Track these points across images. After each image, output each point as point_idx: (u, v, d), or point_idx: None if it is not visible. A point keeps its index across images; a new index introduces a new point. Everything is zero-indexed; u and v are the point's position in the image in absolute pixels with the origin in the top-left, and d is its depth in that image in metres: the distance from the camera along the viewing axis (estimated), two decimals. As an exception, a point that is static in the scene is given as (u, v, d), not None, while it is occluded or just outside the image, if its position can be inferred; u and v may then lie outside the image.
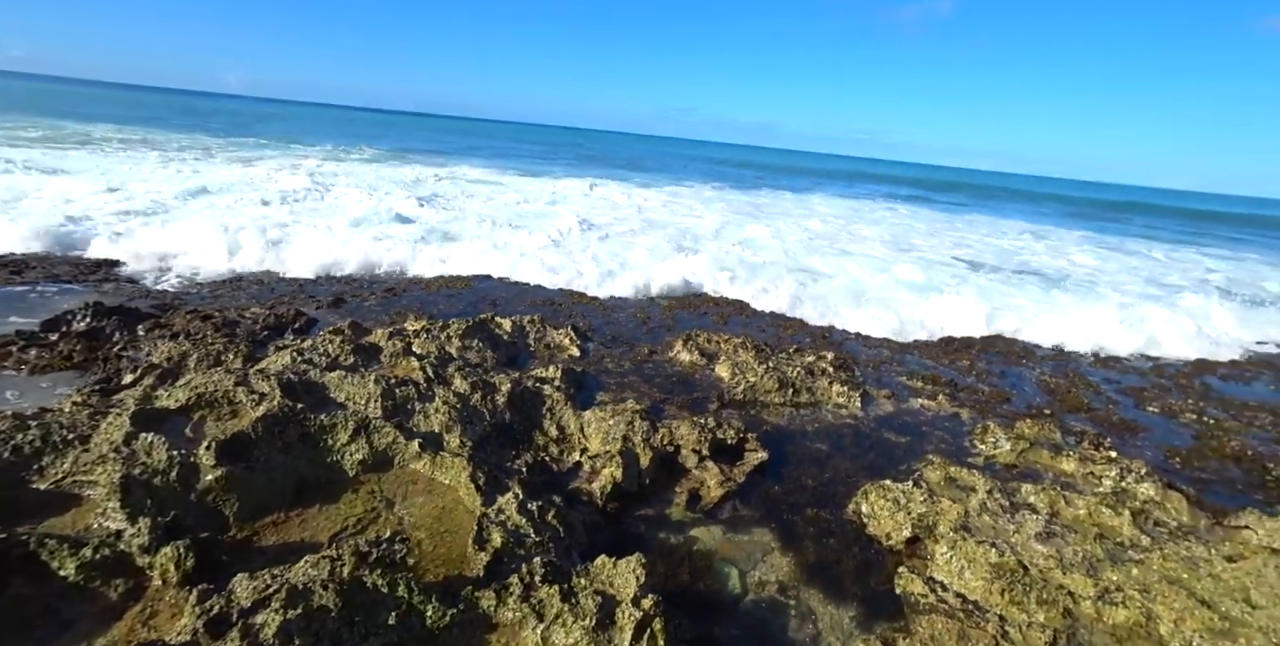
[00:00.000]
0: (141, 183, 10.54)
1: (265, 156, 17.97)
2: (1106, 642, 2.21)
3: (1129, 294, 9.44)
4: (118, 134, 19.93)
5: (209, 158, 16.00)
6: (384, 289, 6.39)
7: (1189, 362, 6.53)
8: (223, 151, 18.02)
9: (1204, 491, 3.63)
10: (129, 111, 34.97)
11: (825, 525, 2.97)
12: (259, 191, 10.95)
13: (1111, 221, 28.13)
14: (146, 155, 14.96)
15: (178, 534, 2.09)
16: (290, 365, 3.66)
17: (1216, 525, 3.12)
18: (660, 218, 13.40)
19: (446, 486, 2.73)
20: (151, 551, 1.99)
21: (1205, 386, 5.79)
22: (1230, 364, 6.62)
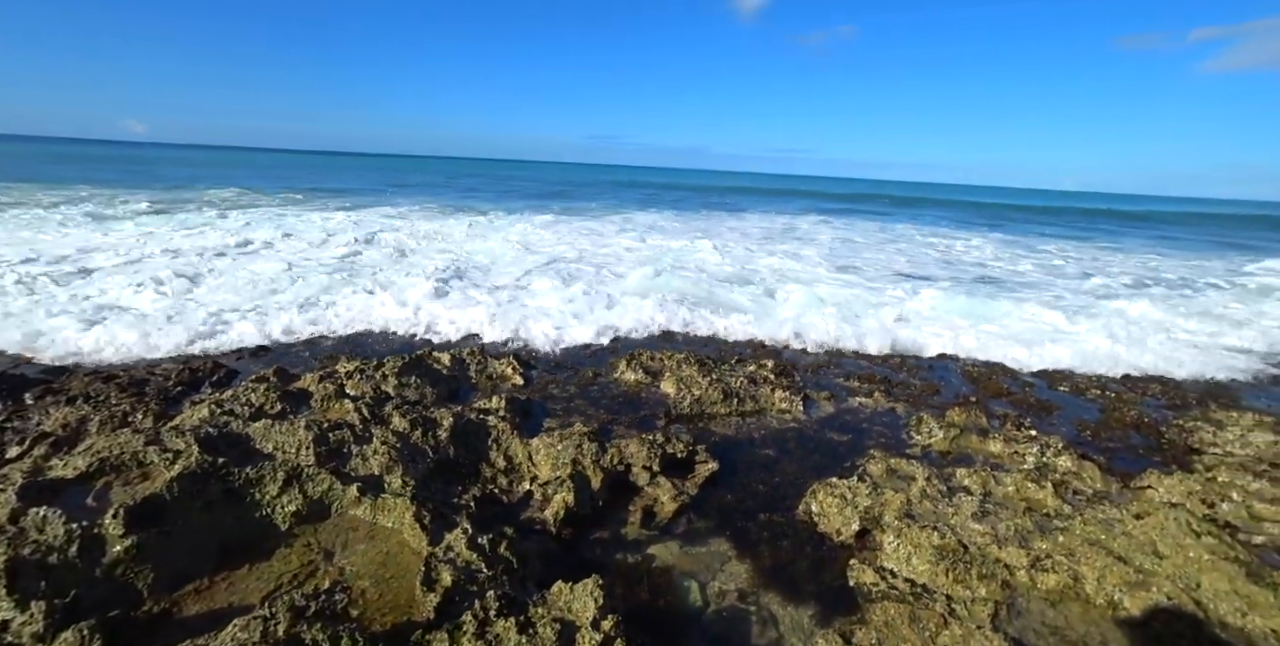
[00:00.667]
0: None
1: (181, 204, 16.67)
2: (1041, 607, 2.35)
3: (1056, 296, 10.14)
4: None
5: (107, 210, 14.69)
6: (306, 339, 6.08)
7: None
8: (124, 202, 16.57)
9: (1112, 459, 3.95)
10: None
11: (778, 528, 3.03)
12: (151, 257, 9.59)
13: (1022, 223, 30.55)
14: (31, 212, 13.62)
15: (81, 615, 1.88)
16: (209, 418, 3.42)
17: (1125, 488, 3.40)
18: (596, 250, 12.56)
19: (390, 529, 2.60)
20: (48, 639, 1.78)
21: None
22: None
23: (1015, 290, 10.35)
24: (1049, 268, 13.69)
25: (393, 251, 10.76)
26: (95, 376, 4.48)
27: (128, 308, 6.18)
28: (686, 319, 6.93)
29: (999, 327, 7.38)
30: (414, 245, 11.75)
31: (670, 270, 9.90)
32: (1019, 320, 7.87)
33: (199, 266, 8.27)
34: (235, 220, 13.77)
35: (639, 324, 6.64)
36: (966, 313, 8.04)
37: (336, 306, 6.64)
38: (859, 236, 18.25)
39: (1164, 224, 34.70)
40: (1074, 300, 9.56)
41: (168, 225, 12.34)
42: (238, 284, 7.45)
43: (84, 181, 22.30)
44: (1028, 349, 6.37)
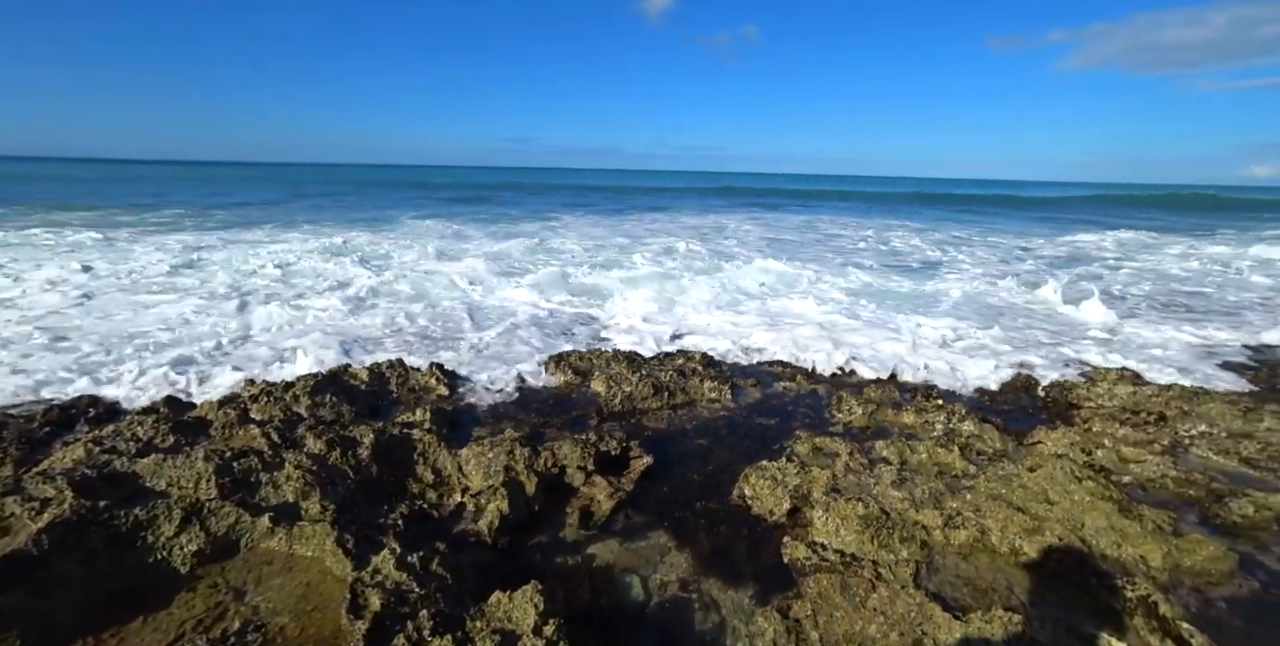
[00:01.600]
0: None
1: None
2: (955, 561, 2.55)
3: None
4: None
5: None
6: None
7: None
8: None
9: (1007, 419, 4.35)
10: None
11: (715, 515, 3.09)
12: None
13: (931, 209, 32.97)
14: None
15: (-70, 696, 1.62)
16: (85, 459, 3.05)
17: (1020, 444, 3.75)
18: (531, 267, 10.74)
19: (310, 559, 2.42)
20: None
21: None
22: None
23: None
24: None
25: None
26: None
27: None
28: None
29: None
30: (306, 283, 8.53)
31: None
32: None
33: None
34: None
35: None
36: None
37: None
38: (789, 233, 18.81)
39: (1040, 206, 38.47)
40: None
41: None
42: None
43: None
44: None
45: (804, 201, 38.35)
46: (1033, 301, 8.56)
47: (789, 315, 7.33)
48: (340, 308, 7.01)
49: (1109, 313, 7.37)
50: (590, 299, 8.05)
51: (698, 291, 8.53)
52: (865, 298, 8.42)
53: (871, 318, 7.23)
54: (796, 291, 8.87)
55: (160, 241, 12.64)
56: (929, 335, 6.46)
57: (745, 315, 7.26)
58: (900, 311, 7.57)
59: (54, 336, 5.64)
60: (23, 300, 7.05)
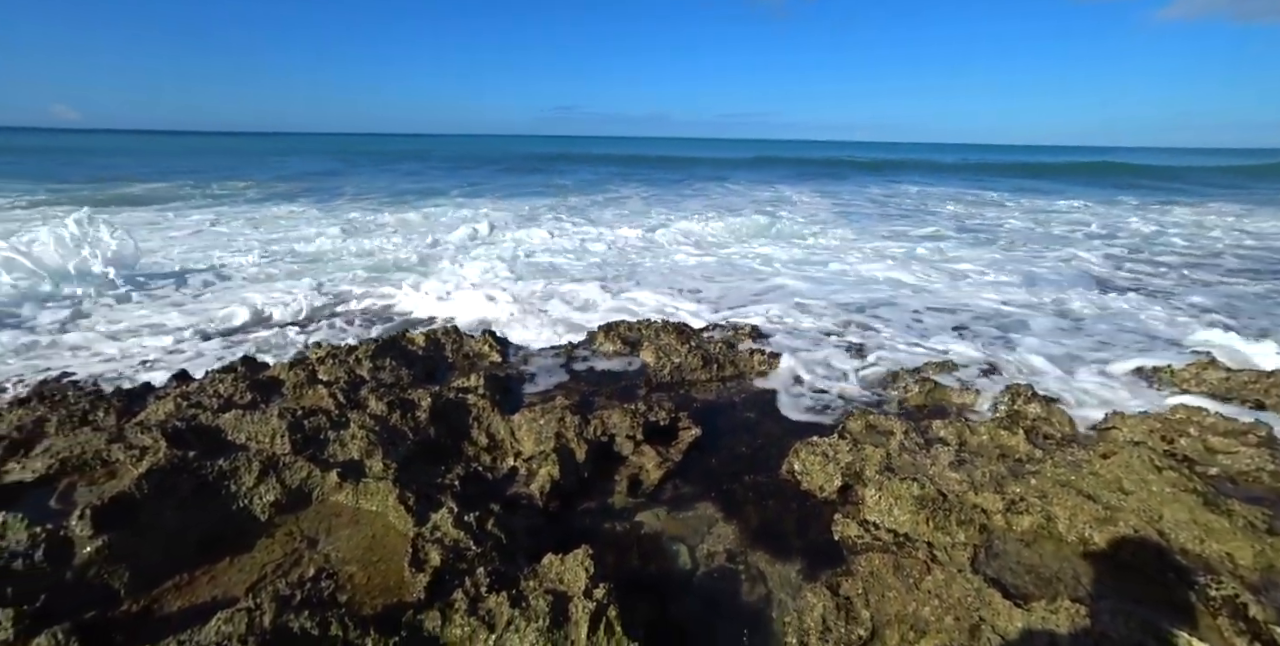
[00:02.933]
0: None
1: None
2: (1017, 547, 2.45)
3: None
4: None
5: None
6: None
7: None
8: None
9: (1078, 402, 4.09)
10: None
11: (763, 488, 3.07)
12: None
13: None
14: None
15: (53, 619, 1.82)
16: (175, 412, 3.30)
17: (1092, 429, 3.53)
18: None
19: (374, 513, 2.56)
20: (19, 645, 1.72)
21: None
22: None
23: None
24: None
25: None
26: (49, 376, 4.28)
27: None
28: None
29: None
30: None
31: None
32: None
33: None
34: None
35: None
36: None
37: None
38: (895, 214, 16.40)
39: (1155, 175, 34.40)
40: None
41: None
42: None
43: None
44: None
45: (873, 172, 35.05)
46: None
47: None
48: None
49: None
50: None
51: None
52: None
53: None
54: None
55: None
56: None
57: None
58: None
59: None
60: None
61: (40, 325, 5.48)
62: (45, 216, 12.61)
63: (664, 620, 2.18)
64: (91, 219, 7.64)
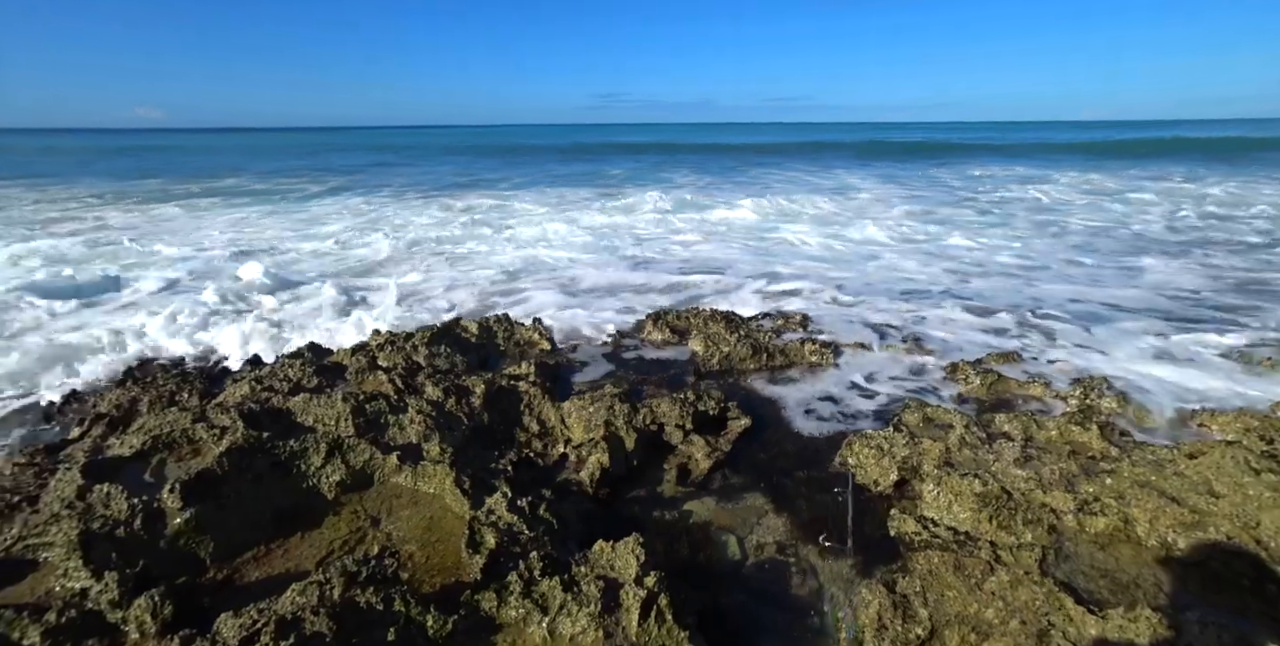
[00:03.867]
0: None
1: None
2: (1090, 551, 2.31)
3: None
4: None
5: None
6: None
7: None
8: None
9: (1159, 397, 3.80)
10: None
11: (815, 481, 3.01)
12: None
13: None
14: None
15: (150, 583, 1.98)
16: (250, 394, 3.51)
17: (1177, 426, 3.28)
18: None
19: (431, 495, 2.66)
20: (124, 605, 1.89)
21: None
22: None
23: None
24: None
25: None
26: (139, 359, 4.64)
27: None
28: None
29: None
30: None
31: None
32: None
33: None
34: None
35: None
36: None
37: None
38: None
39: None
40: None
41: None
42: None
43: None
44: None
45: (935, 156, 31.16)
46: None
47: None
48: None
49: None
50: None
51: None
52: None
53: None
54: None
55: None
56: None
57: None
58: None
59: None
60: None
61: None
62: (190, 209, 13.72)
63: (714, 610, 2.18)
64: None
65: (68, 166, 27.72)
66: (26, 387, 4.10)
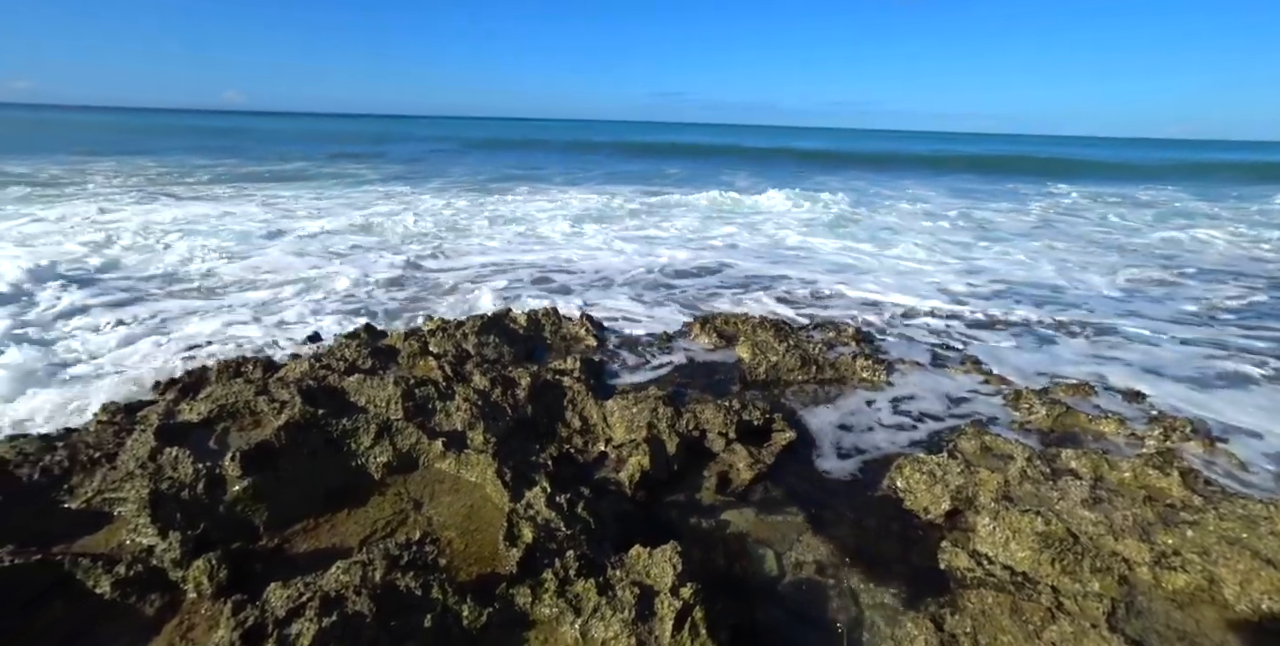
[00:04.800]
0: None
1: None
2: (1168, 609, 2.12)
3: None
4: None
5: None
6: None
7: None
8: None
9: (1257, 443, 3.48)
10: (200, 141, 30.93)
11: (860, 502, 2.90)
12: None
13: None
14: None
15: (209, 546, 2.08)
16: (309, 372, 3.65)
17: (1275, 480, 2.99)
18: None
19: (473, 484, 2.70)
20: (184, 565, 1.99)
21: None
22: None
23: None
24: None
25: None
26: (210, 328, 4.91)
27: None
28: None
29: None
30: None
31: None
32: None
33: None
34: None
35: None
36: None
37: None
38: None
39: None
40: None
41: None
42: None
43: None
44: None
45: (1015, 173, 27.01)
46: None
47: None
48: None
49: None
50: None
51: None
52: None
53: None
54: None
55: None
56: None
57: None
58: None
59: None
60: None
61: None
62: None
63: (749, 625, 2.12)
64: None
65: (177, 145, 29.72)
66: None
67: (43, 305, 5.33)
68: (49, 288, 5.68)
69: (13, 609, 1.82)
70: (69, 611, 1.85)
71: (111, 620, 1.86)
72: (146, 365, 4.08)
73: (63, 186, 13.80)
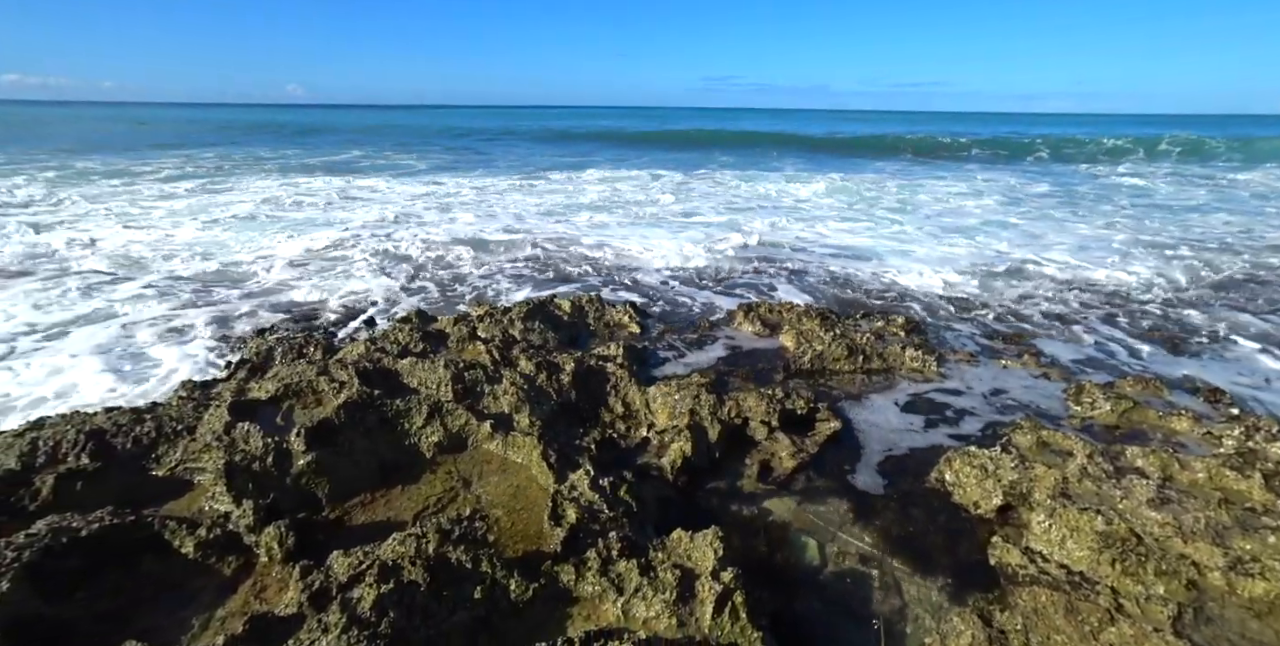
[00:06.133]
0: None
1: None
2: (1243, 617, 2.00)
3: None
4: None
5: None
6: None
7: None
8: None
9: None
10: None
11: (906, 494, 2.84)
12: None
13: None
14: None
15: (277, 515, 2.23)
16: (365, 354, 3.82)
17: (1370, 486, 2.75)
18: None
19: (519, 465, 2.78)
20: (256, 531, 2.14)
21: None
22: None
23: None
24: None
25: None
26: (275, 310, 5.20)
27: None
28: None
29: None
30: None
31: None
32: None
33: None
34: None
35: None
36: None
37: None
38: None
39: None
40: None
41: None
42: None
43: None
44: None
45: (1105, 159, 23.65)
46: None
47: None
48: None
49: None
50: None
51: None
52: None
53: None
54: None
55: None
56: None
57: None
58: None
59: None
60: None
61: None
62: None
63: (789, 613, 2.13)
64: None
65: (257, 139, 30.89)
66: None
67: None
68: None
69: (114, 562, 2.01)
70: (159, 566, 2.03)
71: (195, 576, 2.03)
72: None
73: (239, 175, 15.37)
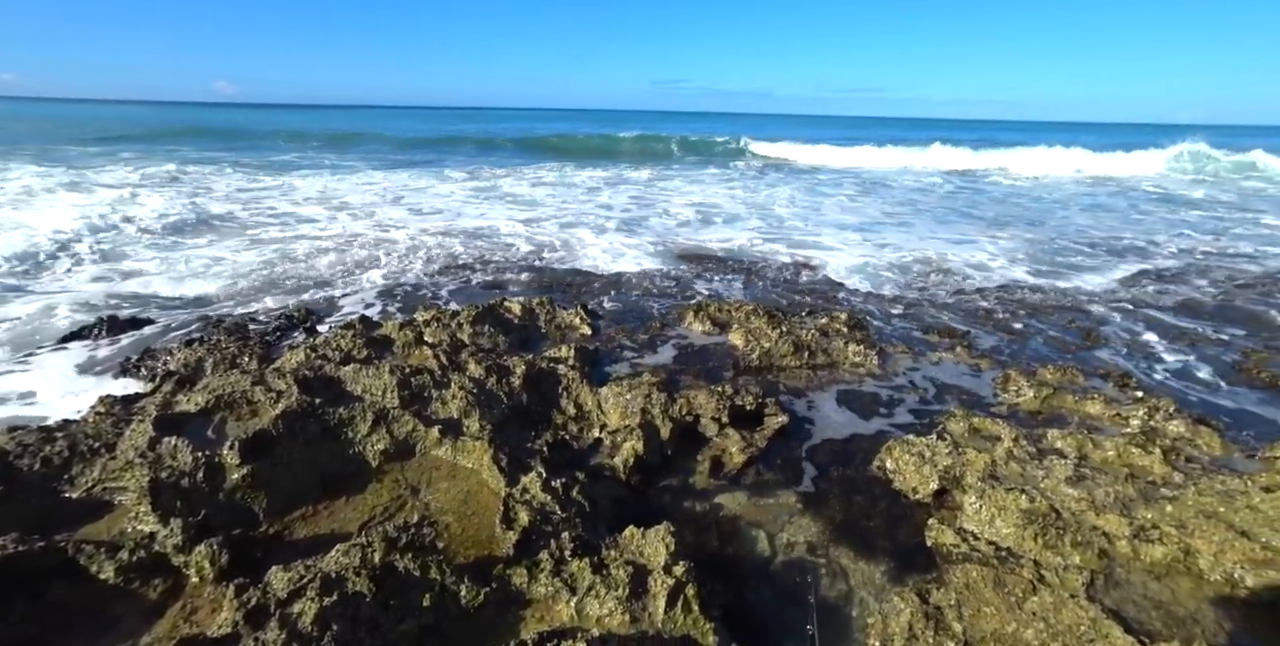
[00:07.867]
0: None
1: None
2: (1145, 579, 2.19)
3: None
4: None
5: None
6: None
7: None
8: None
9: (1233, 423, 3.56)
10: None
11: (850, 483, 2.96)
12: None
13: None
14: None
15: (210, 532, 2.12)
16: (305, 362, 3.67)
17: (1251, 457, 3.06)
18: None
19: (469, 470, 2.74)
20: (186, 550, 2.02)
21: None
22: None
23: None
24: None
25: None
26: (205, 320, 4.92)
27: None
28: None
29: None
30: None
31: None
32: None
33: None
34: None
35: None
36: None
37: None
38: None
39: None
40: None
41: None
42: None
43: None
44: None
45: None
46: None
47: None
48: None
49: None
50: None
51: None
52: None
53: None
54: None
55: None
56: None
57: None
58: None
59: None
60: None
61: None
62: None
63: (740, 604, 2.18)
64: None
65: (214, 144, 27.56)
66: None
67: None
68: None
69: (20, 593, 1.86)
70: (73, 594, 1.89)
71: (116, 602, 1.90)
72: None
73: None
